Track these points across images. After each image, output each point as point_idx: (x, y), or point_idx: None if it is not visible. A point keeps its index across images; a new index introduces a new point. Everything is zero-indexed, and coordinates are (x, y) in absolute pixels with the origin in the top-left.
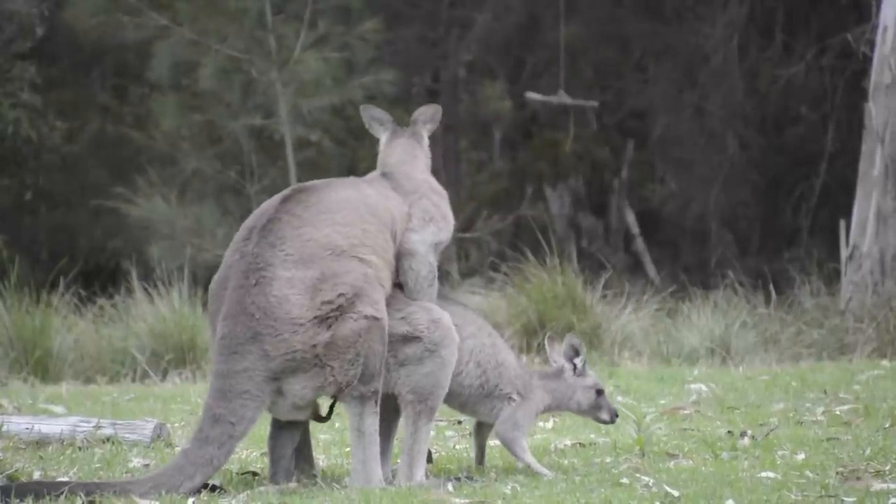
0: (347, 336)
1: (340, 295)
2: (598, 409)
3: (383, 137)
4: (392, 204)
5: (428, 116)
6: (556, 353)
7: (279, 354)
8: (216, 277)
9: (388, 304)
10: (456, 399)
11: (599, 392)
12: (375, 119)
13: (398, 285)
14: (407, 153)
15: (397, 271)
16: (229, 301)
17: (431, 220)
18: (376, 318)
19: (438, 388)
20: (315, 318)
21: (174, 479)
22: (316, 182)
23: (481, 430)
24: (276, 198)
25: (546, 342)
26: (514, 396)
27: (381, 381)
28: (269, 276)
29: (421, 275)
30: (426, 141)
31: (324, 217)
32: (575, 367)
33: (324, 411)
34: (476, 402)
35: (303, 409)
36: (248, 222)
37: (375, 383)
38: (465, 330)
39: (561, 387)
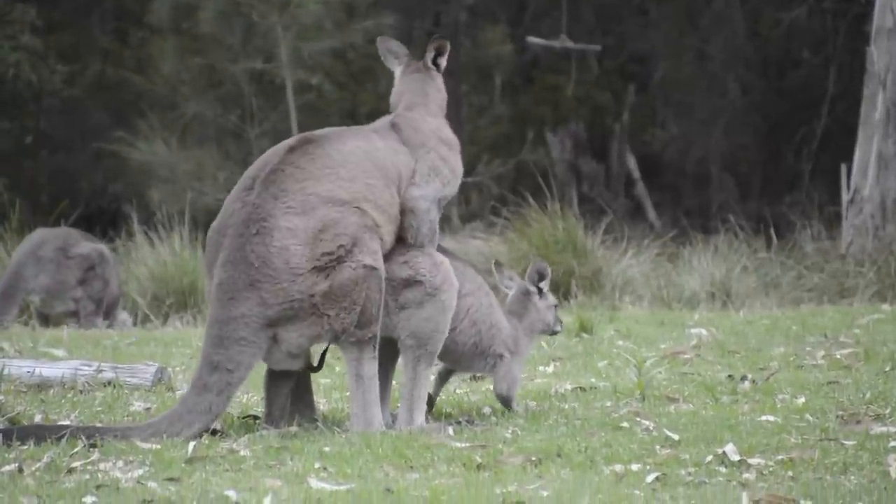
0: (345, 285)
1: (340, 246)
2: (557, 322)
3: (397, 71)
4: (400, 159)
5: (433, 48)
6: (507, 279)
7: (277, 303)
8: (214, 225)
9: (391, 250)
10: (450, 355)
11: (556, 307)
12: (391, 52)
13: (401, 240)
14: (418, 93)
15: (401, 227)
16: (229, 248)
17: (437, 175)
18: (374, 268)
19: (437, 333)
20: (314, 268)
21: (174, 427)
22: (326, 131)
23: (446, 376)
24: (282, 146)
25: (493, 268)
26: (507, 355)
27: (378, 326)
28: (270, 227)
29: (421, 232)
30: (440, 77)
31: (328, 171)
32: (540, 290)
33: (315, 361)
34: (470, 359)
35: (297, 358)
36: (251, 171)
37: (373, 328)
38: (464, 287)
39: (533, 316)
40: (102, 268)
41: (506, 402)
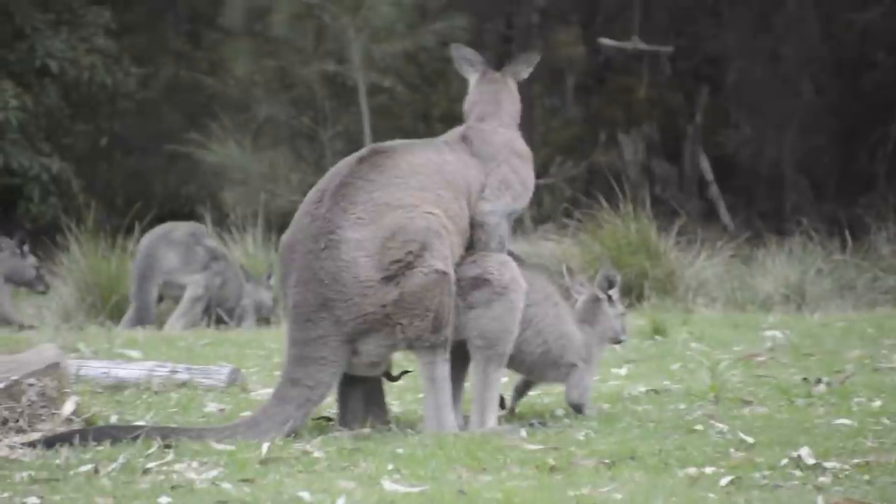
0: (415, 291)
1: (409, 252)
2: (624, 331)
3: (472, 80)
4: (470, 173)
5: (521, 59)
6: (578, 284)
7: (351, 318)
8: (285, 239)
9: None
10: (519, 365)
11: (625, 315)
12: (466, 60)
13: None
14: (491, 103)
15: (470, 240)
16: (300, 267)
17: (508, 188)
18: (444, 273)
19: (507, 333)
20: (384, 278)
21: (249, 433)
22: (395, 143)
23: (524, 390)
24: (352, 158)
25: (565, 272)
26: (580, 364)
27: (450, 329)
28: (338, 239)
29: (490, 246)
30: (515, 86)
31: (398, 181)
32: (610, 298)
33: (395, 372)
34: (542, 368)
35: (378, 366)
36: (321, 184)
37: (445, 332)
38: (530, 297)
39: (605, 325)
40: (222, 265)
41: (577, 409)
